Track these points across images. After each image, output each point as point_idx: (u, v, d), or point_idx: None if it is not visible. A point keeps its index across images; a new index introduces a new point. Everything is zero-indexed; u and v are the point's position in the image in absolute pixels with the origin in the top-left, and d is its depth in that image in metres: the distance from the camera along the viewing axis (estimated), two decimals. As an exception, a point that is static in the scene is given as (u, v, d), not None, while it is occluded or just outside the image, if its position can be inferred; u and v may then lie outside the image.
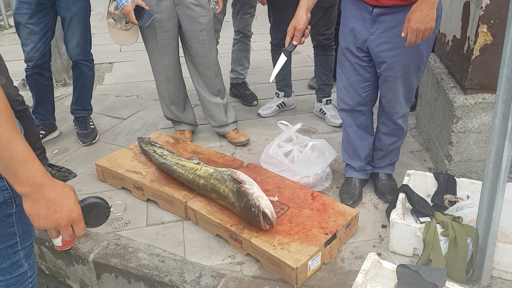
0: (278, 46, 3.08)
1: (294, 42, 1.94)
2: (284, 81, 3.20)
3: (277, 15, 2.98)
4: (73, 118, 3.05)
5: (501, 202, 1.55)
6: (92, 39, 2.90)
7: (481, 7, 1.98)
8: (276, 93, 3.25)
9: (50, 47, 2.78)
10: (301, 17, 1.92)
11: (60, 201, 0.98)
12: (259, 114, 3.22)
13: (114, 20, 2.52)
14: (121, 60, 4.73)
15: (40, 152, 2.46)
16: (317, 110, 3.14)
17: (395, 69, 1.94)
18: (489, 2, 1.97)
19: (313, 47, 3.05)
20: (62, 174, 2.54)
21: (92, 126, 3.04)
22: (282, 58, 1.98)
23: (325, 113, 3.06)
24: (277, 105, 3.24)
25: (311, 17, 2.82)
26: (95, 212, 1.07)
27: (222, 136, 2.90)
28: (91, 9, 2.79)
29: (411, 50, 1.88)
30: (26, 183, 0.94)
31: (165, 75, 2.67)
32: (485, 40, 2.03)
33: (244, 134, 2.85)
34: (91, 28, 2.85)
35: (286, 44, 1.97)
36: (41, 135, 2.93)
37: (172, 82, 2.71)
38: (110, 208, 1.12)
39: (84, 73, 2.91)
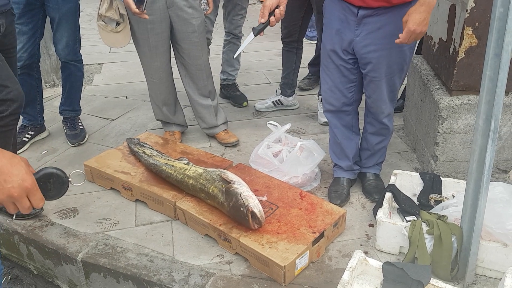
0: (283, 42, 3.16)
1: (262, 20, 1.90)
2: (284, 79, 3.24)
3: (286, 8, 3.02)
4: (62, 118, 3.04)
5: (485, 201, 1.58)
6: (81, 40, 2.90)
7: (466, 10, 2.02)
8: (276, 89, 3.30)
9: (39, 47, 2.77)
10: None
11: (9, 170, 0.94)
12: (254, 107, 3.29)
13: (104, 22, 2.51)
14: (111, 61, 4.72)
15: None
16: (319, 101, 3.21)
17: (380, 70, 1.97)
18: (474, 5, 2.01)
19: None
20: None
21: (81, 127, 3.02)
22: (250, 36, 1.94)
23: (318, 110, 3.12)
24: (273, 102, 3.27)
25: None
26: (52, 182, 1.03)
27: (212, 137, 2.91)
28: (81, 10, 2.78)
29: (395, 51, 1.92)
30: None
31: (158, 77, 2.67)
32: (470, 42, 2.06)
33: (234, 135, 2.86)
34: (80, 29, 2.84)
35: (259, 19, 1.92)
36: (30, 136, 2.91)
37: (165, 84, 2.71)
38: (69, 178, 1.08)
39: (73, 74, 2.90)
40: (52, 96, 3.75)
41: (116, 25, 2.49)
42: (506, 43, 1.38)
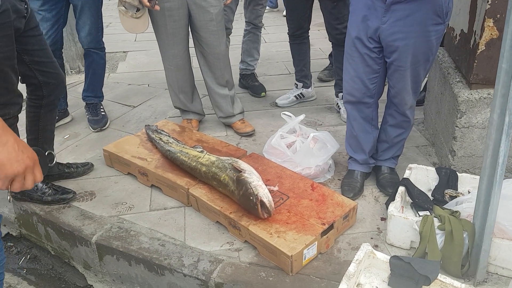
0: (293, 36, 3.10)
1: None
2: (302, 72, 3.20)
3: (289, 5, 2.99)
4: (85, 104, 3.11)
5: (498, 197, 1.54)
6: (107, 28, 2.94)
7: (488, 1, 1.96)
8: (295, 83, 3.27)
9: (62, 34, 2.82)
10: None
11: (22, 143, 0.96)
12: (276, 104, 3.24)
13: (125, 8, 2.55)
14: (136, 49, 4.79)
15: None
16: (335, 104, 3.14)
17: (405, 59, 1.93)
18: (496, -5, 1.94)
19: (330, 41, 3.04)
20: (84, 170, 2.52)
21: (103, 113, 3.09)
22: None
23: (340, 108, 3.04)
24: (295, 96, 3.24)
25: (322, 11, 2.85)
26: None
27: (228, 126, 2.93)
28: None
29: (421, 40, 1.88)
30: None
31: (175, 64, 2.70)
32: (491, 34, 2.00)
33: (250, 125, 2.87)
34: (105, 17, 2.88)
35: None
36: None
37: (182, 71, 2.74)
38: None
39: (95, 61, 2.96)
40: (76, 82, 3.84)
41: (136, 11, 2.53)
42: (523, 34, 1.34)
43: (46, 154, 1.09)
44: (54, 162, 2.16)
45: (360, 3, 1.95)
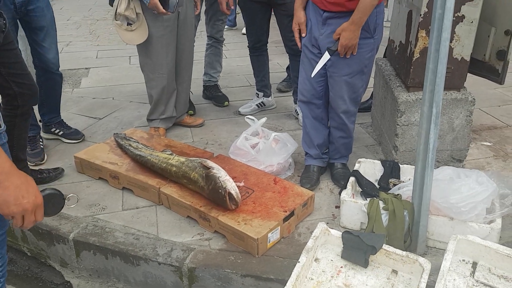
0: (253, 49, 3.36)
1: (303, 35, 2.29)
2: (262, 82, 3.46)
3: (248, 20, 3.26)
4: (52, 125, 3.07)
5: (431, 178, 1.81)
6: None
7: (420, 15, 2.28)
8: (256, 93, 3.51)
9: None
10: (300, 14, 2.27)
11: (26, 188, 1.08)
12: (239, 112, 3.46)
13: (119, 21, 2.70)
14: (98, 65, 4.90)
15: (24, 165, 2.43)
16: (294, 110, 3.39)
17: (338, 67, 2.23)
18: (426, 10, 2.26)
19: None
20: (56, 174, 2.62)
21: (71, 130, 3.14)
22: (326, 56, 2.20)
23: (298, 114, 3.30)
24: (257, 105, 3.49)
25: (279, 26, 3.13)
26: (52, 202, 1.21)
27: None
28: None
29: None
30: None
31: (168, 71, 2.92)
32: (424, 43, 2.32)
33: (199, 118, 3.27)
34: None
35: (297, 41, 2.32)
36: (42, 144, 2.91)
37: (172, 77, 2.98)
38: (65, 199, 1.27)
39: (57, 83, 2.94)
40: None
41: (127, 24, 2.69)
42: (443, 39, 1.63)
43: (64, 197, 1.27)
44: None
45: (308, 16, 2.27)
